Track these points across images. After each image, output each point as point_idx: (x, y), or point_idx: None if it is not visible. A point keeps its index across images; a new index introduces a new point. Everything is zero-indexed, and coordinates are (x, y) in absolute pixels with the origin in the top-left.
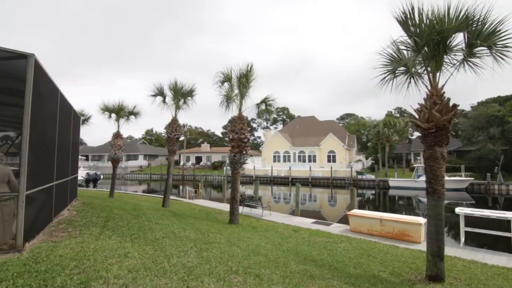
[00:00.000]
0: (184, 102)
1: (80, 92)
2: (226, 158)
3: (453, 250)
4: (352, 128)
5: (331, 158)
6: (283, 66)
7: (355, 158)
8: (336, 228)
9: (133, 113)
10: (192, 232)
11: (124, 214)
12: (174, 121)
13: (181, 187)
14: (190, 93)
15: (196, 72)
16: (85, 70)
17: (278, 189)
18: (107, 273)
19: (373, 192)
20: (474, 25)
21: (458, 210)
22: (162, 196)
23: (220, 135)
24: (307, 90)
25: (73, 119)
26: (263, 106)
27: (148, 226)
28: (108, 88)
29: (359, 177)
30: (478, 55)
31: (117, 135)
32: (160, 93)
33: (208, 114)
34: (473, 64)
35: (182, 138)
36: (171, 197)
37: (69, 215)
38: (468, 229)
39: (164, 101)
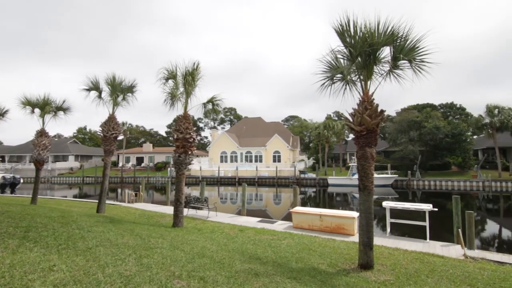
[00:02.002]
0: (124, 99)
1: None
2: (170, 158)
3: (380, 239)
4: (296, 129)
5: (276, 158)
6: (232, 66)
7: (298, 158)
8: (280, 226)
9: (61, 108)
10: (131, 238)
11: (50, 222)
12: (112, 118)
13: (119, 191)
14: (130, 89)
15: (140, 67)
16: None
17: (225, 190)
18: None
19: (314, 189)
20: (398, 41)
21: (384, 204)
22: (97, 201)
23: (164, 135)
24: (254, 92)
25: None
26: (210, 106)
27: (79, 235)
28: (33, 80)
29: (302, 176)
30: (401, 67)
31: (41, 133)
32: (95, 87)
33: (151, 112)
34: (397, 75)
35: (121, 137)
36: (108, 201)
37: None
38: (393, 220)
39: (100, 97)
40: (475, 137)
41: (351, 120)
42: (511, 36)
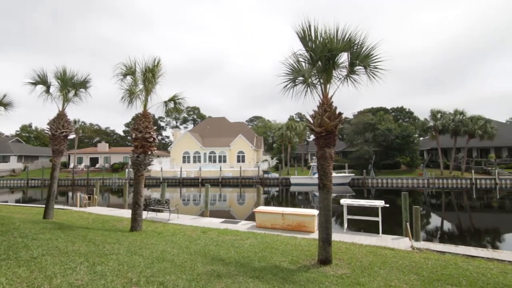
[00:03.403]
0: (75, 94)
1: None
2: (128, 159)
3: (339, 235)
4: (260, 130)
5: (241, 158)
6: (196, 65)
7: (262, 158)
8: (243, 226)
9: (1, 103)
10: (83, 245)
11: None
12: (61, 115)
13: (70, 194)
14: (83, 84)
15: (95, 61)
16: None
17: (187, 191)
18: None
19: (277, 189)
20: (355, 48)
21: (342, 201)
22: (44, 206)
23: (122, 134)
24: (218, 91)
25: None
26: (171, 104)
27: (22, 244)
28: None
29: (265, 175)
30: (357, 72)
31: None
32: (42, 81)
33: (107, 110)
34: (353, 80)
35: (72, 136)
36: (57, 206)
37: None
38: (350, 216)
39: (47, 92)
40: (421, 138)
41: (311, 121)
42: (451, 53)
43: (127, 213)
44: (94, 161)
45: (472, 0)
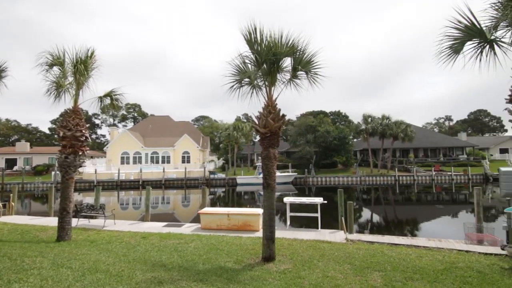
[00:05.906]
0: None
1: None
2: (55, 160)
3: (282, 232)
4: (206, 130)
5: (186, 158)
6: (137, 59)
7: (208, 159)
8: (188, 228)
9: None
10: None
11: None
12: None
13: None
14: None
15: (15, 47)
16: None
17: (126, 194)
18: None
19: (224, 189)
20: (297, 53)
21: (285, 199)
22: None
23: (48, 132)
24: (162, 89)
25: None
26: (108, 100)
27: None
28: None
29: (212, 176)
30: (299, 77)
31: None
32: None
33: (29, 104)
34: (296, 83)
35: None
36: None
37: None
38: (292, 214)
39: None
40: (355, 140)
41: (257, 122)
42: (377, 67)
43: (53, 221)
44: (11, 162)
45: (397, 23)
